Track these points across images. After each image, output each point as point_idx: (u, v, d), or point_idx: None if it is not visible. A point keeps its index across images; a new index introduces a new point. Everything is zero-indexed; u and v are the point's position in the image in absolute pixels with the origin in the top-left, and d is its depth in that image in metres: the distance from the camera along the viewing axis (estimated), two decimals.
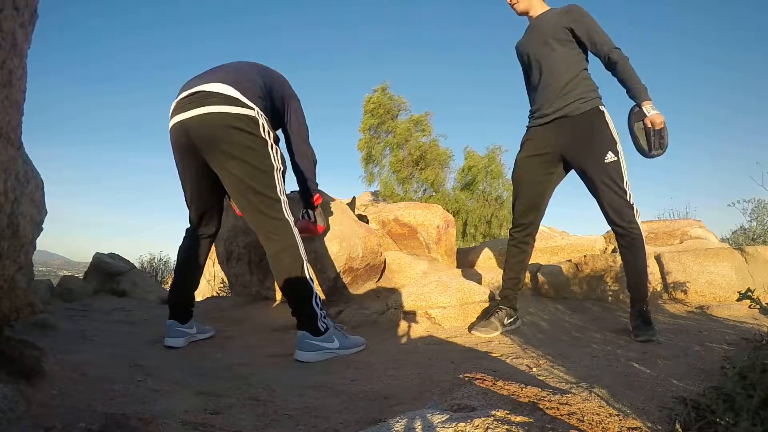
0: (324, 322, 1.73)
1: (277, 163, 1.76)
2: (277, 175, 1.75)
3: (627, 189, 1.91)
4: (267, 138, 1.73)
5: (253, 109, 1.71)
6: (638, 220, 1.93)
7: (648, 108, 1.87)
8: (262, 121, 1.73)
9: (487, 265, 3.41)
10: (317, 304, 1.73)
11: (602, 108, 1.96)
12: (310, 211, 2.31)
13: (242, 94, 1.71)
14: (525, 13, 2.13)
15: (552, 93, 1.99)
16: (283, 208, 1.75)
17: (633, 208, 1.91)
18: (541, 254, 3.59)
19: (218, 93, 1.68)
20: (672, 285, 2.72)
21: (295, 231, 1.76)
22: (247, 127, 1.69)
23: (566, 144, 1.98)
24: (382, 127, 6.51)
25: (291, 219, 1.77)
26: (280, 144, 1.86)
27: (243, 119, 1.68)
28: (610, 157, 1.90)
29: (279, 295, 2.67)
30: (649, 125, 1.88)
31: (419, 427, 0.89)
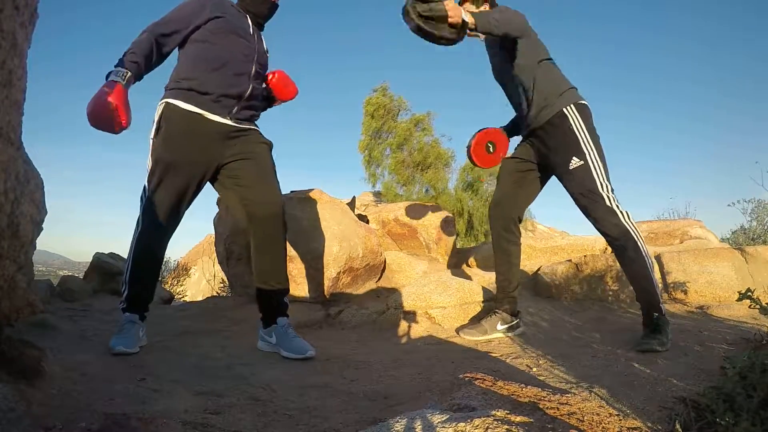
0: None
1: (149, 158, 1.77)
2: (148, 162, 1.76)
3: (603, 192, 1.76)
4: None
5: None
6: (626, 222, 1.74)
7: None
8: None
9: (488, 264, 3.41)
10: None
11: (567, 109, 1.83)
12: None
13: None
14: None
15: (522, 108, 1.97)
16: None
17: (616, 212, 1.75)
18: (541, 254, 3.59)
19: None
20: (672, 285, 2.72)
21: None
22: None
23: (540, 157, 1.97)
24: (383, 128, 6.49)
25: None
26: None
27: None
28: (575, 162, 1.79)
29: None
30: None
31: (419, 427, 0.89)
